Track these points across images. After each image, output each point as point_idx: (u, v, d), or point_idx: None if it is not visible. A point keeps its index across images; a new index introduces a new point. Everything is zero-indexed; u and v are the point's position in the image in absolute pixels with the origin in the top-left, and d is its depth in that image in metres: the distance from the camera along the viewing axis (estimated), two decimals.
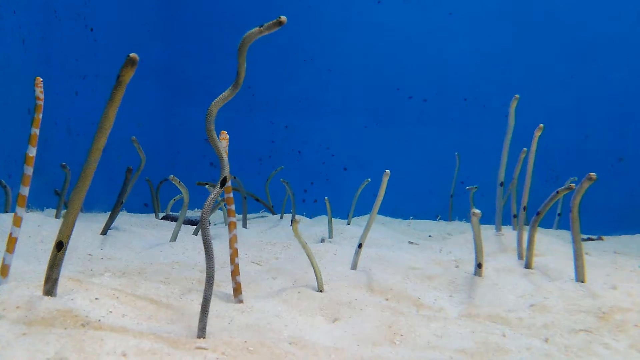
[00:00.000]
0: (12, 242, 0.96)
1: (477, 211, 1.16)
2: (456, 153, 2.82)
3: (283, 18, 0.82)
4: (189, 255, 1.51)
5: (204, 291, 0.81)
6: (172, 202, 2.65)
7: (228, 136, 1.06)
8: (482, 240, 1.34)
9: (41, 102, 0.97)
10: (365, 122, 3.30)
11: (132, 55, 0.71)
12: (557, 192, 1.33)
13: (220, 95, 0.86)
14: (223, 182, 0.84)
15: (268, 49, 3.32)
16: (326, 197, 2.10)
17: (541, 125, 1.65)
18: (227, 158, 0.86)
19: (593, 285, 1.22)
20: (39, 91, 0.96)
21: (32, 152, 0.97)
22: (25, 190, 0.97)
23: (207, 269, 0.82)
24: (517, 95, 1.82)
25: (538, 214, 1.40)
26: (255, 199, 2.78)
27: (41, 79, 0.95)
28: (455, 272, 1.38)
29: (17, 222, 0.96)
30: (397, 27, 3.27)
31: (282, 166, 2.95)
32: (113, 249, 1.52)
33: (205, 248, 0.82)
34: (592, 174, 1.18)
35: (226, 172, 0.85)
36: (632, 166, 3.03)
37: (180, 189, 1.68)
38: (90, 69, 2.77)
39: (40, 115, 0.98)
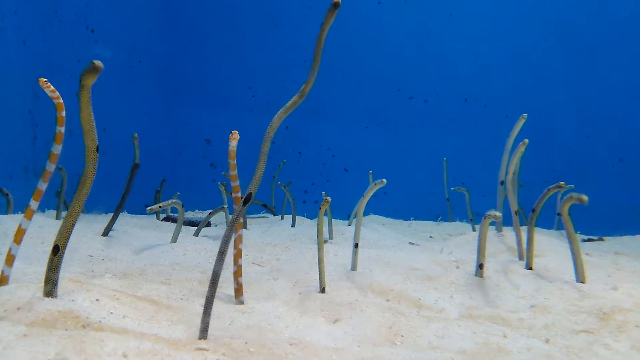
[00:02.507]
0: (20, 234, 0.96)
1: (498, 214, 1.16)
2: (444, 158, 2.83)
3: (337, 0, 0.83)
4: (190, 256, 1.51)
5: (207, 291, 0.81)
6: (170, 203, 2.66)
7: (238, 136, 1.05)
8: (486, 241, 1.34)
9: (59, 100, 0.95)
10: (366, 122, 3.30)
11: (95, 62, 0.70)
12: (549, 190, 1.38)
13: (288, 104, 0.86)
14: (248, 199, 0.84)
15: (268, 49, 3.32)
16: (324, 192, 2.10)
17: (525, 140, 1.67)
18: (260, 174, 0.85)
19: (594, 285, 1.22)
20: (50, 90, 0.93)
21: (57, 149, 0.97)
22: (43, 186, 0.97)
23: (213, 270, 0.82)
24: (524, 115, 1.82)
25: (533, 210, 1.42)
26: (256, 203, 2.80)
27: (44, 79, 0.91)
28: (456, 272, 1.37)
29: (29, 214, 0.96)
30: (398, 27, 3.27)
31: (284, 160, 2.95)
32: (114, 250, 1.52)
33: (220, 250, 0.82)
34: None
35: (254, 189, 0.84)
36: (633, 167, 3.02)
37: (171, 205, 1.69)
38: None
39: (64, 113, 0.96)
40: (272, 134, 0.87)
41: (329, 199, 1.15)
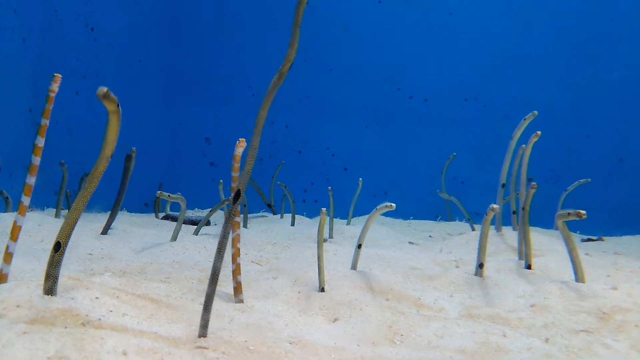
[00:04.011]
0: (16, 230, 0.96)
1: (495, 206, 1.16)
2: (454, 154, 2.82)
3: None
4: (189, 255, 1.51)
5: (207, 287, 0.81)
6: (168, 202, 2.67)
7: (245, 144, 1.02)
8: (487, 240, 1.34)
9: (53, 95, 0.96)
10: (366, 122, 3.30)
11: (99, 90, 0.71)
12: (528, 192, 1.44)
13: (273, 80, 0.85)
14: (237, 196, 0.83)
15: (268, 48, 3.32)
16: (329, 187, 2.11)
17: (538, 132, 1.65)
18: (249, 170, 0.84)
19: (594, 285, 1.22)
20: (55, 85, 0.94)
21: (41, 142, 0.97)
22: (31, 180, 0.97)
23: (213, 266, 0.82)
24: (535, 112, 1.80)
25: (523, 209, 1.44)
26: (259, 193, 2.82)
27: (60, 76, 0.94)
28: (456, 272, 1.37)
29: (22, 210, 0.96)
30: (398, 26, 3.27)
31: (282, 162, 2.96)
32: (113, 248, 1.52)
33: (218, 246, 0.82)
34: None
35: (242, 185, 0.84)
36: (633, 167, 3.02)
37: (175, 200, 1.68)
38: (90, 68, 2.77)
39: (51, 107, 0.97)
40: (260, 127, 0.86)
41: (325, 210, 1.15)
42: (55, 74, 0.93)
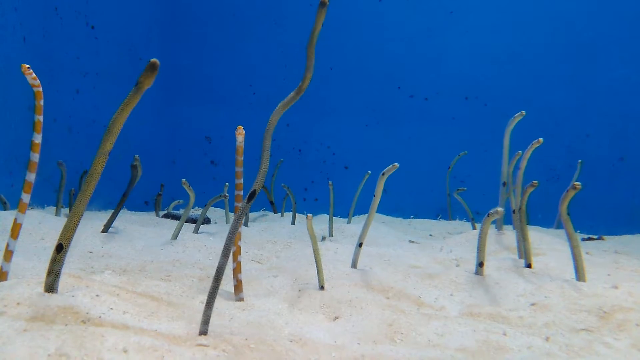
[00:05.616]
0: (16, 228, 0.95)
1: (500, 209, 1.16)
2: (465, 152, 2.82)
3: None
4: (190, 253, 1.51)
5: (211, 284, 0.81)
6: (174, 203, 2.67)
7: (244, 131, 1.05)
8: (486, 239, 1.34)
9: (39, 88, 0.95)
10: (366, 120, 3.29)
11: (153, 60, 0.69)
12: (526, 189, 1.42)
13: (283, 101, 0.86)
14: (252, 196, 0.83)
15: (269, 47, 3.31)
16: (330, 182, 2.11)
17: (540, 139, 1.62)
18: (264, 171, 0.84)
19: (594, 284, 1.22)
20: (32, 77, 0.92)
21: (38, 139, 0.97)
22: (31, 177, 0.96)
23: (218, 264, 0.82)
24: (522, 112, 1.81)
25: (520, 209, 1.45)
26: (264, 190, 2.83)
27: (27, 65, 0.91)
28: (456, 270, 1.37)
29: (22, 208, 0.96)
30: (399, 25, 3.26)
31: (281, 159, 2.96)
32: (114, 246, 1.52)
33: (225, 246, 0.82)
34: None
35: (258, 186, 0.84)
36: (633, 166, 3.02)
37: (189, 192, 1.69)
38: (91, 66, 2.77)
39: (42, 102, 0.96)
40: (271, 130, 0.86)
41: (310, 216, 1.15)
42: (22, 65, 0.91)
